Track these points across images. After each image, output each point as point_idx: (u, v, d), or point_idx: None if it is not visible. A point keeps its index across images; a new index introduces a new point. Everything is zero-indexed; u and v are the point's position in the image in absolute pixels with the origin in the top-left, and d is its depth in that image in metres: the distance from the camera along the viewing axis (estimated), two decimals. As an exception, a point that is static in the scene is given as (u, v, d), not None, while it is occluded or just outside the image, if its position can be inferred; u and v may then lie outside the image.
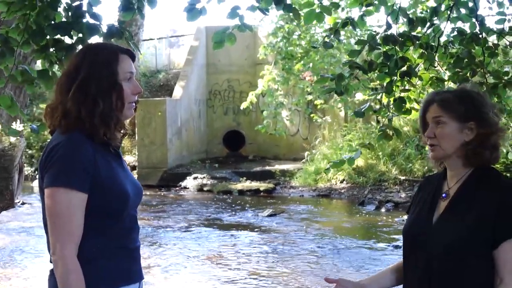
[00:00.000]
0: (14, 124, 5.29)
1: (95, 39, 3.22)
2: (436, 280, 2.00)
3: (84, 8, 3.15)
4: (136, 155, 15.65)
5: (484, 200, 1.98)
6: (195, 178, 14.65)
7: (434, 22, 3.98)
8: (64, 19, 3.21)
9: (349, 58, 3.86)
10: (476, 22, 3.88)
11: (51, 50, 3.21)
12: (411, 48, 3.90)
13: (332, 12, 3.87)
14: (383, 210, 11.48)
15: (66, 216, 1.92)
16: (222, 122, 18.07)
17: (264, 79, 13.85)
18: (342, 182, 13.47)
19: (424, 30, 3.99)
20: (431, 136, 2.08)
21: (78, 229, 1.94)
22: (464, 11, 3.93)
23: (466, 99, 2.07)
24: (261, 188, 13.67)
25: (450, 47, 3.99)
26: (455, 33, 3.95)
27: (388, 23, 3.86)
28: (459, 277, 1.97)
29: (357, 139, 13.75)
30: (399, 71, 3.75)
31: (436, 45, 3.92)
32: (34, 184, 13.97)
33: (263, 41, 15.92)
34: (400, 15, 3.87)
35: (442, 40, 4.07)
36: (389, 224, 10.08)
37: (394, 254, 7.82)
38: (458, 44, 3.91)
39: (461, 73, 3.77)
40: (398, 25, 3.94)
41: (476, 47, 3.84)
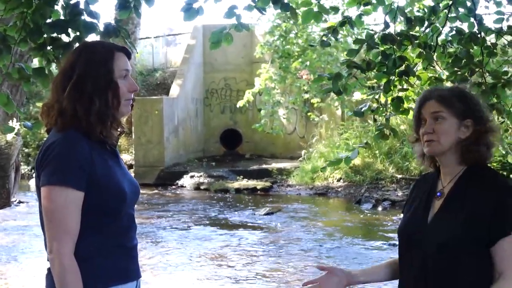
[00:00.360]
0: (10, 122, 5.28)
1: (92, 37, 3.22)
2: (431, 278, 2.02)
3: (81, 6, 3.16)
4: (133, 153, 15.63)
5: (478, 198, 1.99)
6: (192, 176, 14.62)
7: (432, 22, 3.98)
8: (62, 17, 3.21)
9: (346, 57, 3.85)
10: (475, 22, 3.87)
11: (49, 48, 3.21)
12: (409, 47, 3.89)
13: (332, 14, 3.86)
14: (380, 208, 11.48)
15: (62, 214, 1.92)
16: (219, 120, 18.06)
17: (261, 78, 13.83)
18: (339, 180, 13.47)
19: (423, 29, 3.98)
20: (430, 132, 2.09)
21: (74, 227, 1.94)
22: (462, 10, 3.92)
23: (463, 98, 2.10)
24: (258, 187, 13.66)
25: (448, 46, 3.98)
26: (454, 32, 3.95)
27: (386, 22, 3.86)
28: (452, 275, 1.99)
29: (354, 137, 13.77)
30: (397, 70, 3.74)
31: (435, 44, 3.92)
32: (31, 182, 13.92)
33: (260, 39, 15.91)
34: (398, 14, 3.87)
35: (440, 39, 4.06)
36: (386, 223, 10.08)
37: (391, 252, 7.82)
38: (457, 43, 3.90)
39: (459, 72, 3.76)
40: (396, 24, 3.94)
41: (474, 46, 3.83)
